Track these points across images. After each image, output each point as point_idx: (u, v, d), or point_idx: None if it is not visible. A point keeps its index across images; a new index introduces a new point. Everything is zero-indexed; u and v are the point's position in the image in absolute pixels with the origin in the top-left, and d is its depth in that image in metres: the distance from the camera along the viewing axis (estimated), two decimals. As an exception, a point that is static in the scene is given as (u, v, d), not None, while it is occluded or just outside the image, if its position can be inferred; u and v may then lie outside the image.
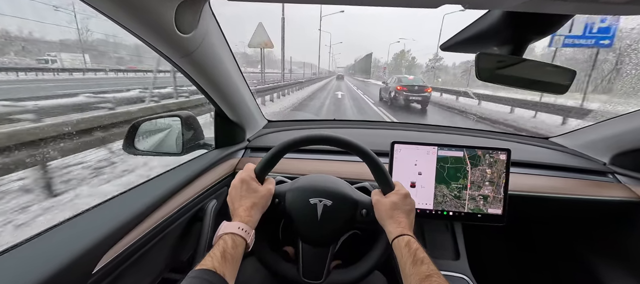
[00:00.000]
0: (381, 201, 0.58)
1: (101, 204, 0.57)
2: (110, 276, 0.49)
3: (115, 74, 18.26)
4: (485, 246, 1.14)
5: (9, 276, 0.38)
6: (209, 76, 0.72)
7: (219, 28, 0.67)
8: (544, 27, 0.48)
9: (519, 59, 0.51)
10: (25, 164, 2.48)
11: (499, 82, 0.54)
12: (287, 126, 1.27)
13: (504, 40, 0.53)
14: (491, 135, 1.21)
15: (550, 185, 0.91)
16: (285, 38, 13.28)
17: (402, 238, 0.50)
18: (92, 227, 0.49)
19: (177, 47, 0.56)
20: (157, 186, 0.66)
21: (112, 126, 3.38)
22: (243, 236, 0.49)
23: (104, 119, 3.32)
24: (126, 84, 12.69)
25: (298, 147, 0.62)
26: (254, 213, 0.55)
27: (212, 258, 0.43)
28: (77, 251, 0.43)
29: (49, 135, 2.66)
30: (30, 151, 2.52)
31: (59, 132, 2.79)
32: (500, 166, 0.80)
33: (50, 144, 2.69)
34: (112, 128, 3.37)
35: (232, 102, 0.89)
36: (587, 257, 1.01)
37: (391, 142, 0.81)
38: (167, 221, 0.63)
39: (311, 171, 0.79)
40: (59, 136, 2.78)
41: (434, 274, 0.43)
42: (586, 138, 1.06)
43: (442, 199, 0.81)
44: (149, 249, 0.59)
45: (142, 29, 0.47)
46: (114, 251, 0.49)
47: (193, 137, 0.94)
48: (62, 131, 2.83)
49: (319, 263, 0.62)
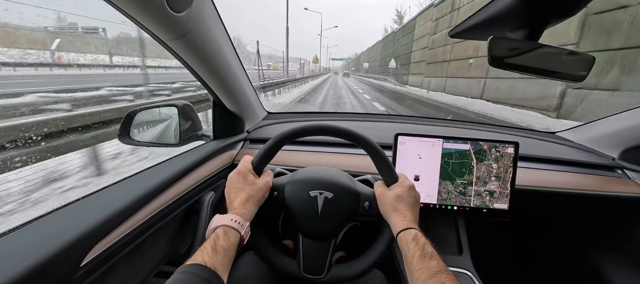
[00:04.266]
0: (385, 193, 0.56)
1: (92, 194, 0.55)
2: (101, 268, 0.46)
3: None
4: (488, 241, 1.12)
5: None
6: (205, 60, 0.69)
7: (214, 9, 0.63)
8: (565, 8, 0.44)
9: (535, 45, 0.48)
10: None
11: (513, 70, 0.51)
12: (287, 117, 1.25)
13: (519, 24, 0.49)
14: (497, 129, 1.18)
15: (557, 180, 0.88)
16: (275, 30, 12.93)
17: (409, 232, 0.48)
18: (80, 219, 0.46)
19: (169, 27, 0.52)
20: (152, 177, 0.63)
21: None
22: (236, 228, 0.47)
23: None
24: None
25: (297, 139, 0.60)
26: (250, 205, 0.52)
27: (202, 252, 0.41)
28: (63, 243, 0.41)
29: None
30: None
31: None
32: (507, 160, 0.77)
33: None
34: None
35: (230, 91, 0.86)
36: (594, 253, 0.99)
37: (395, 134, 0.79)
38: (163, 213, 0.61)
39: (311, 163, 0.76)
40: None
41: (443, 271, 0.41)
42: (594, 133, 1.04)
43: (447, 196, 0.78)
44: (144, 241, 0.57)
45: (129, 5, 0.43)
46: (106, 242, 0.47)
47: (191, 128, 0.91)
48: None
49: (320, 257, 0.60)
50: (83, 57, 19.33)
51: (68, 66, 16.39)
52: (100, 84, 6.07)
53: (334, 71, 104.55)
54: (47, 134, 2.27)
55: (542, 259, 1.16)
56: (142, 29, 0.49)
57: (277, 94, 10.85)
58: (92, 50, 18.94)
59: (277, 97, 10.48)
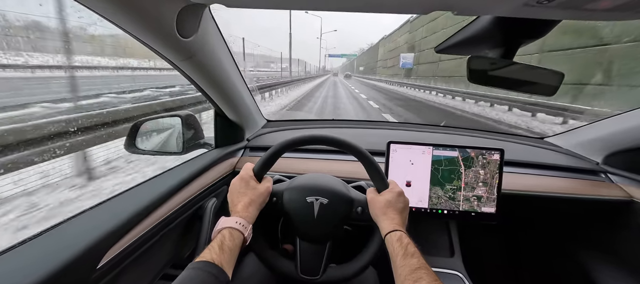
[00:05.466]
0: (375, 198, 0.60)
1: (106, 202, 0.59)
2: (114, 271, 0.50)
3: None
4: (479, 244, 1.16)
5: (18, 272, 0.40)
6: (209, 77, 0.74)
7: (218, 31, 0.69)
8: (534, 31, 0.49)
9: (509, 62, 0.53)
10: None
11: (490, 84, 0.56)
12: (285, 125, 1.29)
13: (495, 44, 0.54)
14: (486, 134, 1.23)
15: (544, 184, 0.92)
16: (274, 31, 12.76)
17: (395, 234, 0.52)
18: (97, 223, 0.50)
19: (178, 51, 0.57)
20: (159, 184, 0.68)
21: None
22: (240, 230, 0.51)
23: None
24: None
25: (295, 147, 0.64)
26: (252, 209, 0.57)
27: (210, 251, 0.46)
28: (82, 247, 0.45)
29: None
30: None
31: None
32: (493, 166, 0.81)
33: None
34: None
35: (232, 102, 0.91)
36: (580, 255, 1.02)
37: (387, 142, 0.83)
38: (169, 218, 0.65)
39: (308, 170, 0.80)
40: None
41: (422, 267, 0.45)
42: (580, 138, 1.08)
43: (437, 200, 0.83)
44: (152, 245, 0.61)
45: (144, 33, 0.49)
46: (118, 246, 0.51)
47: (193, 137, 0.96)
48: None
49: (316, 259, 0.64)
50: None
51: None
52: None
53: (333, 72, 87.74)
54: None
55: (532, 260, 1.20)
56: (154, 52, 0.54)
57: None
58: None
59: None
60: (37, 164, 2.16)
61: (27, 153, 2.07)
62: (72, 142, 2.40)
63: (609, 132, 0.97)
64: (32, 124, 2.18)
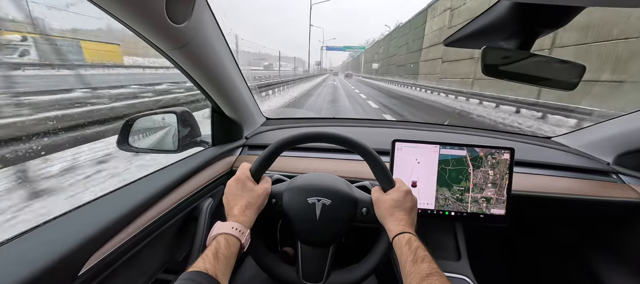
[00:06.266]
0: (381, 198, 0.57)
1: (89, 203, 0.55)
2: (99, 277, 0.46)
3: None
4: (486, 246, 1.12)
5: None
6: (204, 69, 0.70)
7: (214, 19, 0.64)
8: (555, 19, 0.45)
9: (526, 54, 0.49)
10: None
11: (505, 78, 0.52)
12: (285, 123, 1.25)
13: (511, 34, 0.51)
14: (493, 134, 1.19)
15: (553, 185, 0.89)
16: (274, 31, 12.67)
17: (403, 236, 0.48)
18: (78, 227, 0.46)
19: (169, 38, 0.53)
20: (150, 184, 0.64)
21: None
22: (237, 236, 0.47)
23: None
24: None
25: (295, 145, 0.60)
26: (249, 212, 0.53)
27: (204, 260, 0.42)
28: (60, 254, 0.41)
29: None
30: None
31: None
32: (503, 166, 0.78)
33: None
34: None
35: (229, 98, 0.87)
36: (590, 258, 0.99)
37: (392, 140, 0.79)
38: (161, 220, 0.61)
39: (309, 169, 0.77)
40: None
41: (434, 273, 0.42)
42: (589, 138, 1.05)
43: (444, 202, 0.79)
44: (141, 249, 0.56)
45: (131, 18, 0.44)
46: (103, 251, 0.47)
47: (189, 134, 0.92)
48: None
49: (319, 264, 0.60)
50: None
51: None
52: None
53: (333, 72, 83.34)
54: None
55: (539, 264, 1.16)
56: (143, 40, 0.50)
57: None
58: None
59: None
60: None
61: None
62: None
63: (620, 132, 0.93)
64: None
